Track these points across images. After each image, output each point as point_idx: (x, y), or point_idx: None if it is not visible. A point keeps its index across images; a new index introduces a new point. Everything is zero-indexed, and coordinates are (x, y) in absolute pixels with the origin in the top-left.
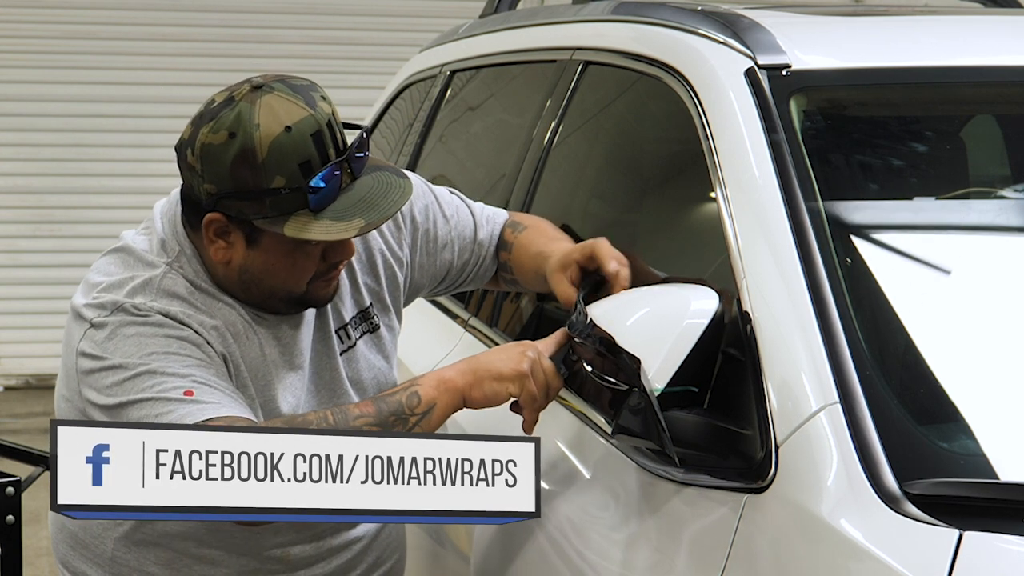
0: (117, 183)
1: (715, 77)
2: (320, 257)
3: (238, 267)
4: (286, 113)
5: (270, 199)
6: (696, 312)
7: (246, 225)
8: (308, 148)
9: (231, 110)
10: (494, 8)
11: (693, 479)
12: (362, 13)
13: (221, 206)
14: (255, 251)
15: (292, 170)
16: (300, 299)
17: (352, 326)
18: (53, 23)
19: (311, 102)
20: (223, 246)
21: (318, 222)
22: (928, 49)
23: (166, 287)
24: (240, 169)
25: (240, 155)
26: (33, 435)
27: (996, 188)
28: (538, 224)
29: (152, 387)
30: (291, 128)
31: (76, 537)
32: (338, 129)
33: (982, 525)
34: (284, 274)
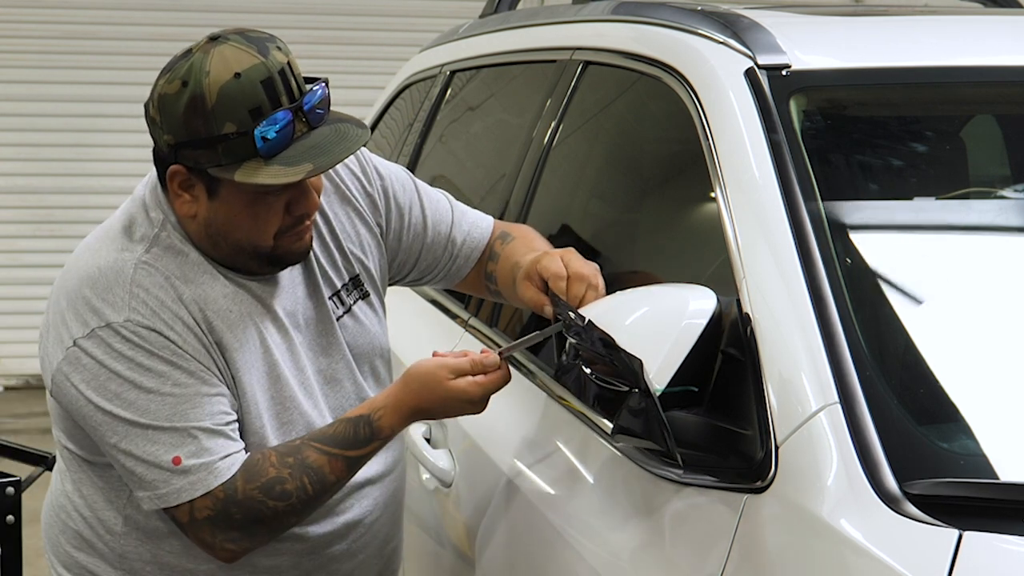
0: (117, 183)
1: (715, 77)
2: (284, 210)
3: (204, 221)
4: (236, 61)
5: (222, 146)
6: (695, 312)
7: (204, 175)
8: (258, 95)
9: (186, 61)
10: (494, 8)
11: (693, 479)
12: (362, 13)
13: (181, 157)
14: (217, 203)
15: (242, 116)
16: (271, 255)
17: (345, 292)
18: (53, 23)
19: (264, 51)
20: (188, 200)
21: (269, 168)
22: (928, 49)
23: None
24: (192, 117)
25: (191, 103)
26: (33, 435)
27: (996, 188)
28: (525, 234)
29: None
30: (240, 75)
31: (81, 536)
32: (294, 79)
33: (982, 525)
34: (247, 227)
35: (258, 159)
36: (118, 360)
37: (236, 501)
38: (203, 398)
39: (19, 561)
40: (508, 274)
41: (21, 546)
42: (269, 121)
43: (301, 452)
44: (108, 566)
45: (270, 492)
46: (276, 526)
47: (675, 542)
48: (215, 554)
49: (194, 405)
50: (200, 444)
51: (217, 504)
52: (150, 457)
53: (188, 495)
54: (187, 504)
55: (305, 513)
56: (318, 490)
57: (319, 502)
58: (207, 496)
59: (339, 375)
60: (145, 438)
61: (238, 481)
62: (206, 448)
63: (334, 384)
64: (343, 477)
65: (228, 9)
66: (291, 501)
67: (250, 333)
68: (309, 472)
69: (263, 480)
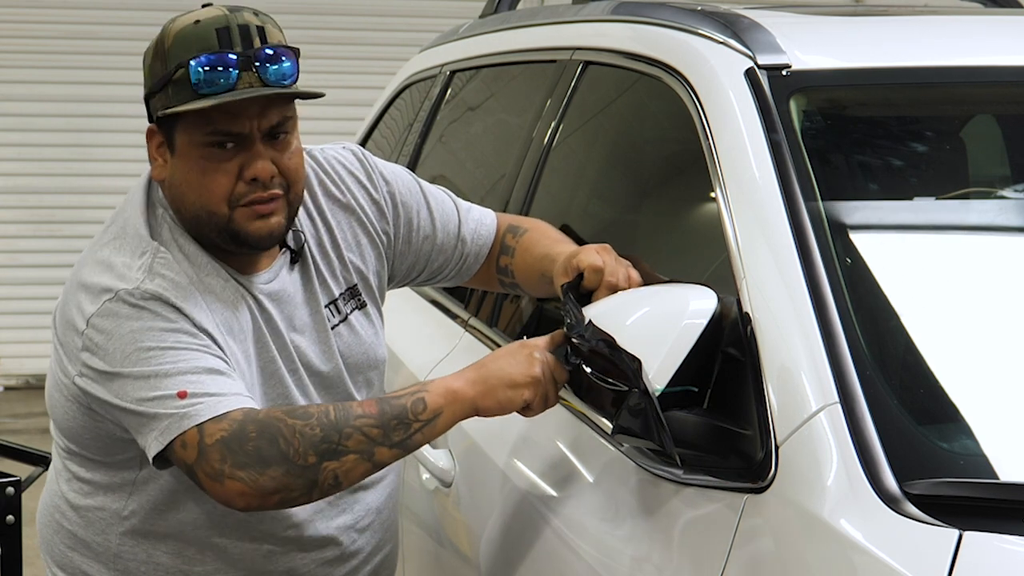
0: (117, 183)
1: (715, 77)
2: (236, 172)
3: (170, 184)
4: (204, 13)
5: (172, 88)
6: (695, 312)
7: (165, 128)
8: (209, 39)
9: None
10: (494, 8)
11: (693, 479)
12: (362, 13)
13: (152, 110)
14: (176, 160)
15: (191, 56)
16: (228, 228)
17: (342, 301)
18: (53, 23)
19: (234, 9)
20: (161, 163)
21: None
22: (928, 49)
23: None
24: (155, 62)
25: (155, 49)
26: (33, 435)
27: (996, 188)
28: (537, 226)
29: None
30: (200, 22)
31: (76, 536)
32: (257, 37)
33: (982, 525)
34: (198, 186)
35: (196, 99)
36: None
37: (254, 419)
38: (205, 350)
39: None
40: (531, 267)
41: (21, 546)
42: (207, 57)
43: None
44: (102, 566)
45: (292, 412)
46: (292, 454)
47: (675, 542)
48: (223, 492)
49: (200, 354)
50: (204, 380)
51: (233, 425)
52: (157, 395)
53: (191, 421)
54: (195, 431)
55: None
56: (340, 417)
57: (341, 440)
58: (222, 419)
59: (331, 383)
60: (149, 384)
61: (260, 412)
62: (211, 383)
63: (326, 392)
64: (370, 412)
65: None
66: (310, 422)
67: (250, 326)
68: (337, 407)
69: (288, 407)
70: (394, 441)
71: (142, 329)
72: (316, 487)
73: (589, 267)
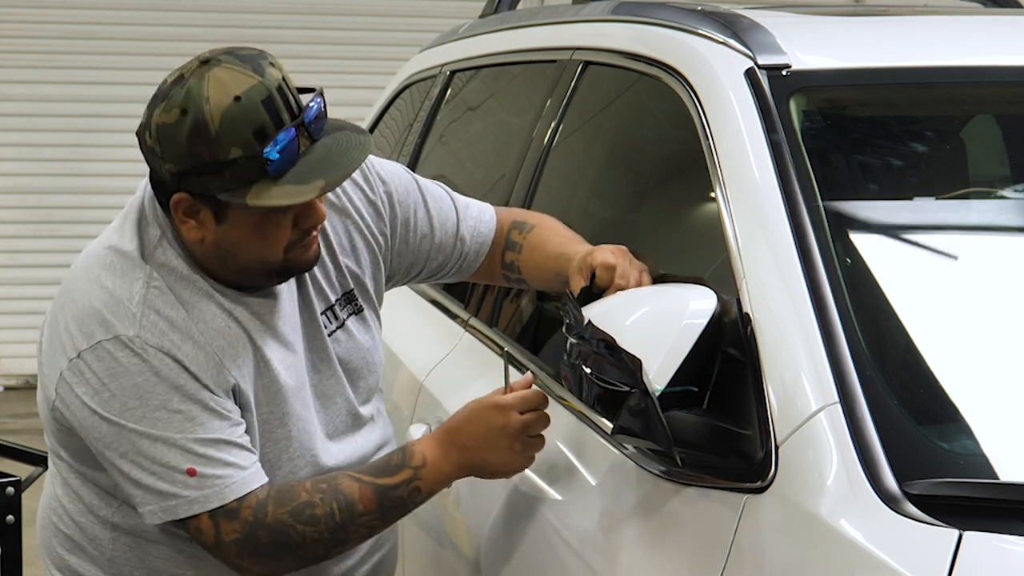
0: (117, 183)
1: (715, 77)
2: (292, 225)
3: (212, 244)
4: (234, 83)
5: (229, 171)
6: (695, 312)
7: (212, 201)
8: (260, 115)
9: (181, 87)
10: (494, 8)
11: (693, 479)
12: (362, 13)
13: (185, 184)
14: (225, 226)
15: (247, 139)
16: (280, 269)
17: (339, 307)
18: (53, 23)
19: (259, 69)
20: (194, 225)
21: (279, 187)
22: (928, 49)
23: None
24: (196, 145)
25: (194, 130)
26: (33, 435)
27: (996, 188)
28: (544, 221)
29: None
30: (240, 97)
31: (72, 540)
32: (291, 94)
33: (982, 525)
34: (257, 246)
35: (267, 180)
36: (123, 375)
37: (265, 524)
38: (214, 414)
39: (19, 561)
40: (542, 266)
41: (21, 546)
42: (275, 142)
43: (335, 480)
44: (98, 570)
45: (299, 516)
46: (303, 554)
47: (675, 542)
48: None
49: (206, 419)
50: (212, 456)
51: (245, 527)
52: (163, 464)
53: (200, 507)
54: (210, 523)
55: (333, 544)
56: (346, 519)
57: (348, 536)
58: (234, 518)
59: (330, 391)
60: (156, 448)
61: (269, 505)
62: (219, 461)
63: (325, 400)
64: (372, 509)
65: (228, 9)
66: (319, 527)
67: (247, 348)
68: (339, 498)
69: (294, 504)
70: (392, 520)
71: (145, 385)
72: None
73: (601, 264)
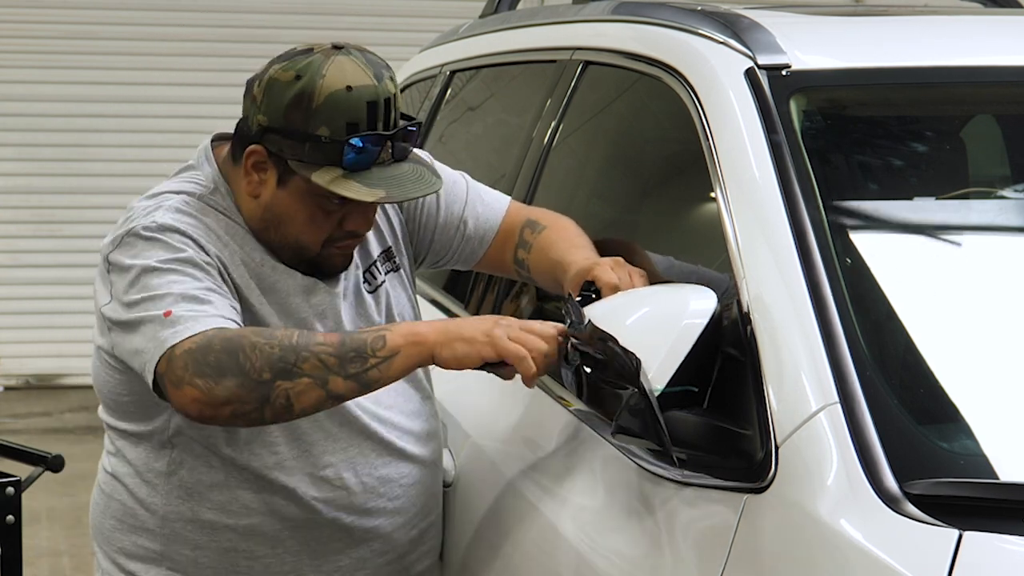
0: (117, 183)
1: (715, 77)
2: (338, 222)
3: (264, 204)
4: (353, 75)
5: (310, 144)
6: (695, 312)
7: (281, 164)
8: (360, 112)
9: (306, 57)
10: (494, 8)
11: (693, 479)
12: (362, 13)
13: (266, 140)
14: (282, 192)
15: (339, 125)
16: (312, 260)
17: (380, 262)
18: (53, 23)
19: (379, 76)
20: (256, 180)
21: (345, 180)
22: (928, 49)
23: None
24: (294, 109)
25: (298, 96)
26: (33, 435)
27: (996, 188)
28: (557, 223)
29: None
30: (352, 88)
31: (124, 507)
32: (394, 110)
33: (982, 525)
34: (301, 224)
35: (338, 168)
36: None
37: (224, 336)
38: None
39: (19, 561)
40: (544, 269)
41: (21, 546)
42: (361, 140)
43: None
44: (150, 536)
45: (259, 332)
46: (248, 369)
47: (675, 542)
48: (180, 397)
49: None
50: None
51: (203, 339)
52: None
53: (171, 340)
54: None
55: (281, 365)
56: (301, 342)
57: (297, 359)
58: (196, 335)
59: None
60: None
61: (235, 329)
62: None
63: None
64: (331, 341)
65: (228, 9)
66: (271, 341)
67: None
68: (303, 333)
69: (260, 328)
70: (349, 372)
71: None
72: (268, 404)
73: (607, 285)
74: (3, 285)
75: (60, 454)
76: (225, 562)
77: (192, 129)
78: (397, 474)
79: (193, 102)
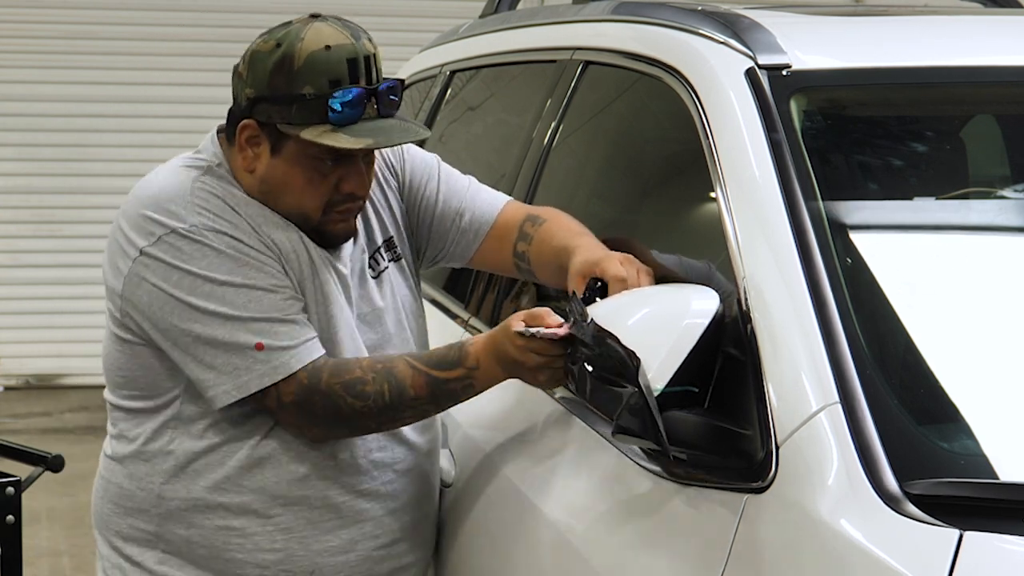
0: (117, 183)
1: (715, 77)
2: (335, 184)
3: (260, 176)
4: (330, 37)
5: (296, 105)
6: (696, 312)
7: (273, 132)
8: (341, 68)
9: (284, 28)
10: (494, 8)
11: (693, 479)
12: (362, 13)
13: (256, 111)
14: (277, 160)
15: (322, 83)
16: (316, 228)
17: (383, 249)
18: (53, 23)
19: (356, 36)
20: (251, 155)
21: (333, 134)
22: (928, 49)
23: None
24: (277, 75)
25: (279, 62)
26: (33, 435)
27: (996, 188)
28: (558, 217)
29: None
30: (330, 48)
31: (122, 489)
32: (375, 67)
33: (982, 525)
34: (299, 190)
35: (326, 125)
36: (188, 261)
37: (319, 390)
38: (274, 290)
39: (19, 561)
40: (547, 257)
41: (21, 546)
42: (345, 92)
43: (391, 362)
44: (146, 517)
45: (350, 390)
46: (355, 425)
47: (675, 542)
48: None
49: (267, 294)
50: (278, 331)
51: (301, 390)
52: (234, 342)
53: (270, 379)
54: (273, 389)
55: (383, 419)
56: (395, 400)
57: (397, 415)
58: (291, 380)
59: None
60: (226, 326)
61: (323, 373)
62: (284, 334)
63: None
64: (422, 395)
65: (228, 9)
66: (368, 403)
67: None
68: (391, 380)
69: (346, 378)
70: (443, 408)
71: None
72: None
73: (614, 278)
74: (3, 285)
75: (60, 454)
76: (217, 540)
77: (192, 129)
78: (392, 459)
79: (193, 102)
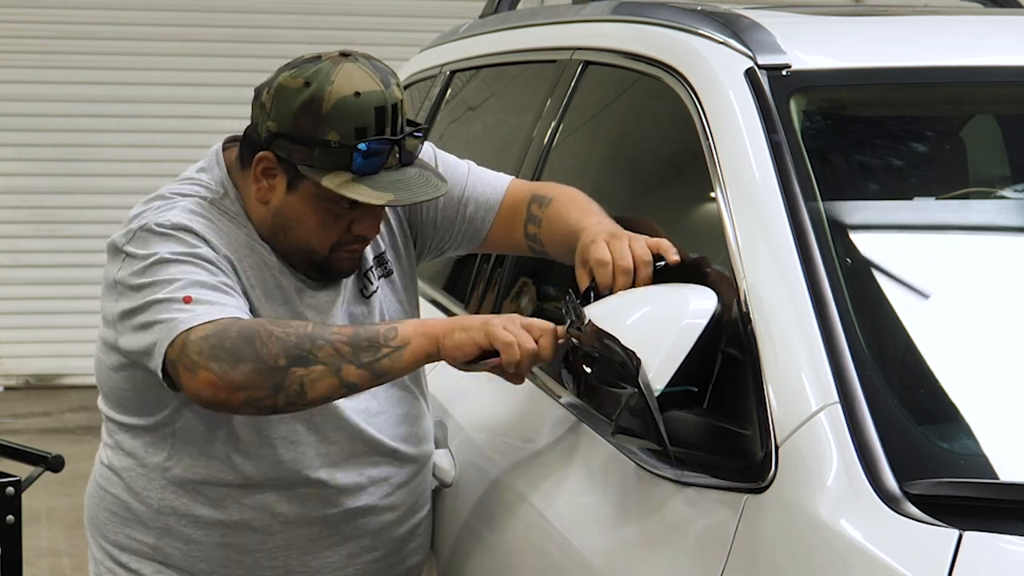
0: (117, 183)
1: (715, 77)
2: (347, 226)
3: (273, 210)
4: (361, 82)
5: (320, 149)
6: (695, 312)
7: (291, 169)
8: (368, 117)
9: (314, 65)
10: (494, 8)
11: (693, 479)
12: (362, 13)
13: (275, 146)
14: (292, 197)
15: (348, 130)
16: (321, 263)
17: (374, 267)
18: (53, 23)
19: (386, 83)
20: (266, 186)
21: (354, 184)
22: (928, 49)
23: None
24: (303, 115)
25: (308, 102)
26: (33, 435)
27: (996, 188)
28: (564, 194)
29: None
30: (360, 94)
31: (119, 500)
32: (401, 116)
33: (982, 525)
34: (311, 228)
35: (347, 173)
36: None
37: (240, 324)
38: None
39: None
40: (558, 237)
41: (21, 546)
42: (368, 143)
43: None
44: (143, 528)
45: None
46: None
47: (675, 542)
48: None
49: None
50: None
51: (219, 326)
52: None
53: (188, 323)
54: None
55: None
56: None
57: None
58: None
59: None
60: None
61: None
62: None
63: None
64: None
65: (228, 9)
66: (287, 330)
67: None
68: (317, 324)
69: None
70: (362, 361)
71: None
72: (282, 390)
73: (596, 262)
74: (3, 285)
75: (60, 454)
76: (217, 556)
77: (192, 129)
78: (388, 474)
79: (193, 102)
